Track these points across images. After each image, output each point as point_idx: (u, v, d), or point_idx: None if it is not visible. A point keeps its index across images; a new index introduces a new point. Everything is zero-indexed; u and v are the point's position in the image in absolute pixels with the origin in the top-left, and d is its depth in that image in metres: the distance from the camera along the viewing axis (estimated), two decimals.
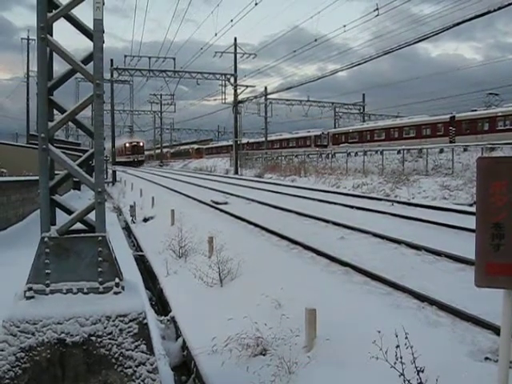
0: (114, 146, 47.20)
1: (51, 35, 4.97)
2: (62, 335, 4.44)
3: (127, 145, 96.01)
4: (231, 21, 38.99)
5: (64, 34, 5.30)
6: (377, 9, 27.17)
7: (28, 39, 56.71)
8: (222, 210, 20.26)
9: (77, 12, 5.23)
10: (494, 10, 21.32)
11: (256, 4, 31.66)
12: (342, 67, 37.91)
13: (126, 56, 49.85)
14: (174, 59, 50.92)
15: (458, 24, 23.11)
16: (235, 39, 51.01)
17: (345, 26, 32.19)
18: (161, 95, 77.91)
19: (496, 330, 6.00)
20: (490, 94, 55.81)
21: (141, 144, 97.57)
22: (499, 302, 3.44)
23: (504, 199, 3.08)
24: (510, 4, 20.65)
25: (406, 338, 4.72)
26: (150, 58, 50.45)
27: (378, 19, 26.83)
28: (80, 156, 5.60)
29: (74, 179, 5.11)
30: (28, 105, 56.49)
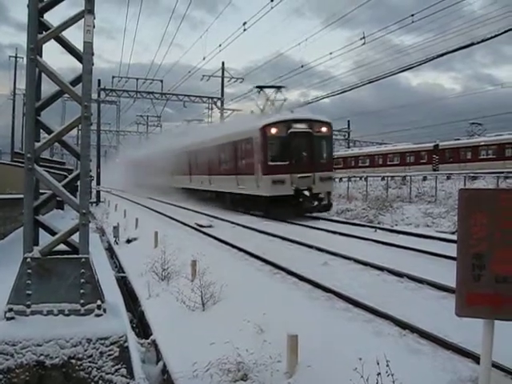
0: (99, 165, 46.91)
1: (41, 56, 5.01)
2: (42, 357, 4.39)
3: (282, 127, 26.15)
4: (220, 45, 39.22)
5: (49, 53, 5.32)
6: (363, 37, 27.50)
7: (16, 57, 56.82)
8: (206, 233, 20.20)
9: (65, 33, 5.29)
10: (478, 43, 21.80)
11: (245, 30, 31.86)
12: (328, 94, 38.28)
13: (113, 77, 49.92)
14: (162, 81, 51.19)
15: (442, 55, 23.54)
16: (223, 63, 51.32)
17: (331, 53, 32.34)
18: (147, 116, 77.71)
19: (476, 359, 6.03)
20: (473, 123, 56.76)
21: (324, 130, 27.16)
22: (480, 331, 3.47)
23: (485, 230, 3.13)
24: (493, 37, 21.12)
25: (387, 365, 4.73)
26: (137, 79, 50.61)
27: (360, 49, 27.16)
28: (65, 175, 5.61)
29: (58, 198, 5.12)
30: (13, 122, 56.32)
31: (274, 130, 25.60)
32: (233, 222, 23.93)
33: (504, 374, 6.00)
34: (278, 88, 31.47)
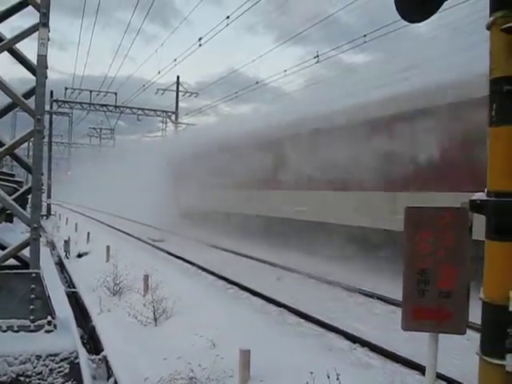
0: (50, 177, 45.96)
1: None
2: None
3: None
4: (175, 60, 39.13)
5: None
6: (317, 56, 27.99)
7: None
8: (158, 248, 20.07)
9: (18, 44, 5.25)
10: None
11: (200, 45, 31.95)
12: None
13: (66, 88, 49.14)
14: (116, 94, 50.64)
15: None
16: (178, 77, 51.19)
17: (285, 71, 32.78)
18: (100, 129, 76.56)
19: (423, 371, 6.19)
20: None
21: None
22: (426, 343, 3.59)
23: (429, 247, 3.25)
24: None
25: (338, 379, 4.82)
26: (91, 91, 49.89)
27: (313, 67, 27.51)
28: (14, 187, 5.54)
29: (7, 211, 5.04)
30: None
31: None
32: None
33: None
34: None
